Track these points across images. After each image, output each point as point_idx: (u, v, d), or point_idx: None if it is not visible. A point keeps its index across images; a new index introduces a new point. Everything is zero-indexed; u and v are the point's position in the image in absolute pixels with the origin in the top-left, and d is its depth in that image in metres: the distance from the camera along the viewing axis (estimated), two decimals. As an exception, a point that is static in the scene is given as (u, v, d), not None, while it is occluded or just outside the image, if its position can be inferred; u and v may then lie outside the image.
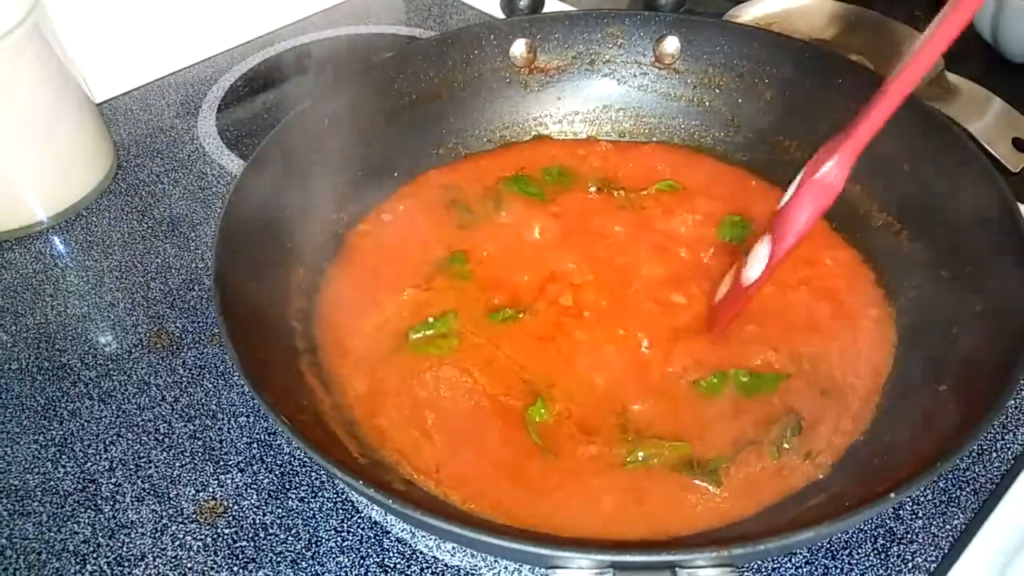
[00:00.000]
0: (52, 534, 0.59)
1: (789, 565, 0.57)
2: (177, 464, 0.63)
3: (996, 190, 0.62)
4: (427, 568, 0.57)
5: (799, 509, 0.54)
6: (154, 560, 0.58)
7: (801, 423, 0.59)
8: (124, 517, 0.60)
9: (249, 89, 1.01)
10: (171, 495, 0.61)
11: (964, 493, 0.60)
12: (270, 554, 0.58)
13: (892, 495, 0.44)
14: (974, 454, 0.63)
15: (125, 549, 0.58)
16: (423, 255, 0.74)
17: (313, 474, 0.62)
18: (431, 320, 0.67)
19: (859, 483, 0.53)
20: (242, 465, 0.63)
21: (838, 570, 0.56)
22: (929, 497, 0.60)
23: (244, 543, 0.58)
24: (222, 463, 0.63)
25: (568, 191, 0.80)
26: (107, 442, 0.65)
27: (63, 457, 0.64)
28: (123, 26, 1.00)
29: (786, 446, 0.58)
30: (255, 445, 0.64)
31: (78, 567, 0.58)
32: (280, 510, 0.60)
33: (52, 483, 0.62)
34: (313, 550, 0.58)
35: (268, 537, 0.59)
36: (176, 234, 0.82)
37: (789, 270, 0.69)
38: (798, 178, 0.59)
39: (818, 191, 0.56)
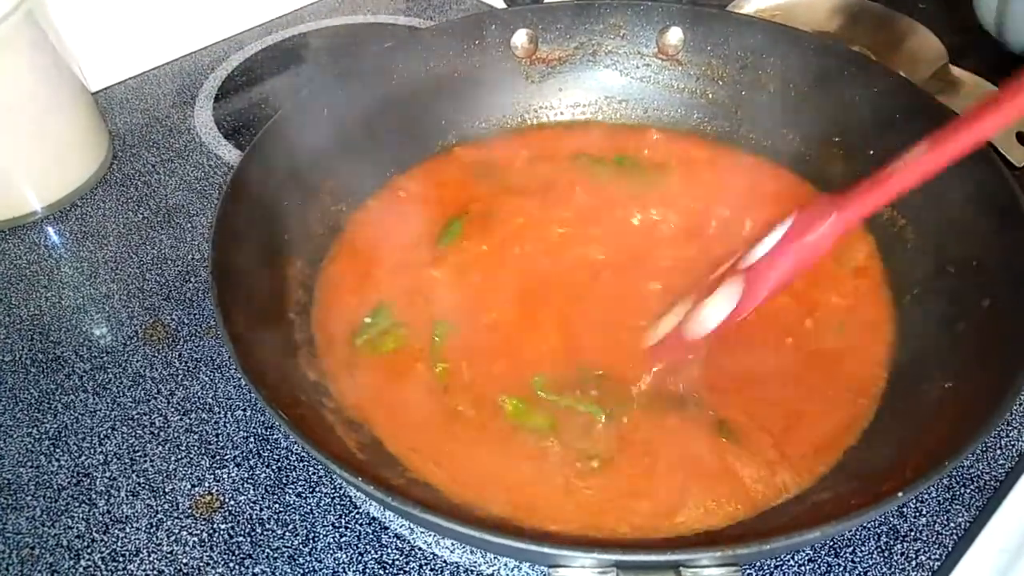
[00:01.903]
0: (45, 528, 0.59)
1: (792, 563, 0.56)
2: (173, 458, 0.63)
3: (1002, 184, 0.61)
4: (426, 564, 0.56)
5: (804, 507, 0.53)
6: (149, 555, 0.57)
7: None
8: (119, 512, 0.59)
9: (246, 79, 1.00)
10: (166, 490, 0.61)
11: (968, 491, 0.60)
12: (267, 549, 0.57)
13: (899, 494, 0.44)
14: (978, 451, 0.62)
15: (119, 544, 0.58)
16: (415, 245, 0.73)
17: (311, 469, 0.62)
18: (367, 321, 0.66)
19: (864, 481, 0.52)
20: (239, 460, 0.62)
21: (841, 568, 0.56)
22: (933, 495, 0.60)
23: (240, 538, 0.58)
24: (218, 457, 0.62)
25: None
26: (101, 436, 0.64)
27: (57, 451, 0.63)
28: (119, 14, 0.99)
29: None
30: (252, 439, 0.64)
31: (72, 562, 0.57)
32: (277, 505, 0.60)
33: (45, 477, 0.62)
34: (310, 546, 0.57)
35: (265, 532, 0.58)
36: (172, 225, 0.81)
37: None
38: (781, 230, 0.55)
39: (806, 253, 0.53)
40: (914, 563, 0.56)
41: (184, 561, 0.57)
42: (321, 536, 0.58)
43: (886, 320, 0.65)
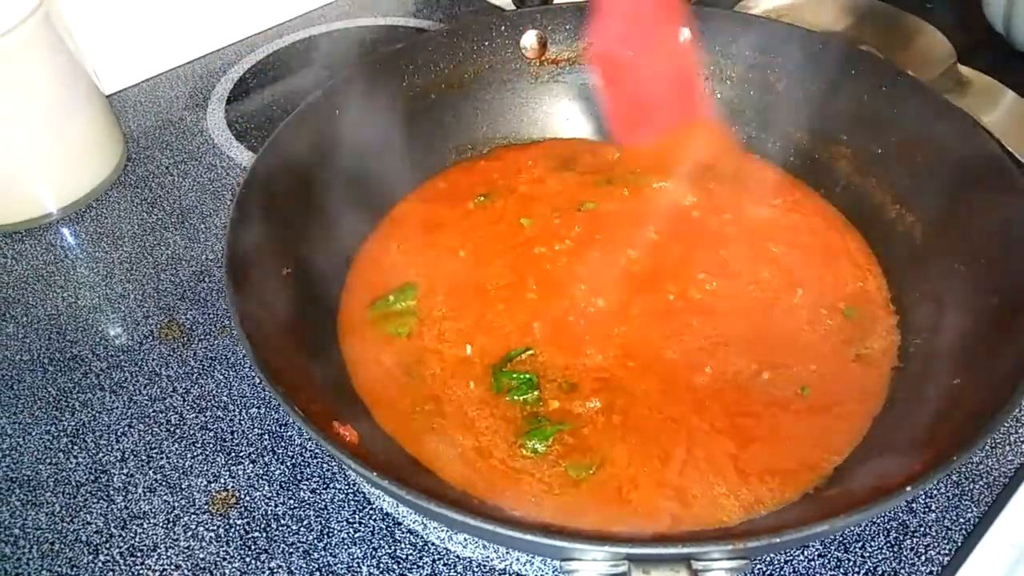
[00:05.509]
0: (65, 524, 0.59)
1: (802, 558, 0.56)
2: (189, 455, 0.63)
3: (1010, 182, 0.61)
4: (439, 559, 0.57)
5: (814, 502, 0.54)
6: (166, 551, 0.58)
7: None
8: (136, 508, 0.60)
9: (258, 81, 1.01)
10: (183, 486, 0.61)
11: (977, 487, 0.60)
12: (282, 545, 0.58)
13: (908, 488, 0.44)
14: (987, 448, 0.62)
15: (137, 539, 0.58)
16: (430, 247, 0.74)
17: (325, 465, 0.62)
18: (390, 298, 0.69)
19: (873, 476, 0.53)
20: (254, 456, 0.63)
21: (851, 563, 0.56)
22: (942, 490, 0.60)
23: (256, 534, 0.58)
24: (234, 454, 0.63)
25: None
26: (119, 433, 0.65)
27: (75, 448, 0.64)
28: (133, 17, 1.00)
29: None
30: (267, 436, 0.64)
31: (91, 557, 0.58)
32: (292, 501, 0.60)
33: (64, 473, 0.62)
34: (325, 541, 0.58)
35: (280, 528, 0.59)
36: (186, 226, 0.82)
37: (802, 265, 0.70)
38: None
39: None
40: (923, 558, 0.56)
41: (201, 556, 0.57)
42: (335, 531, 0.58)
43: (895, 316, 0.66)
